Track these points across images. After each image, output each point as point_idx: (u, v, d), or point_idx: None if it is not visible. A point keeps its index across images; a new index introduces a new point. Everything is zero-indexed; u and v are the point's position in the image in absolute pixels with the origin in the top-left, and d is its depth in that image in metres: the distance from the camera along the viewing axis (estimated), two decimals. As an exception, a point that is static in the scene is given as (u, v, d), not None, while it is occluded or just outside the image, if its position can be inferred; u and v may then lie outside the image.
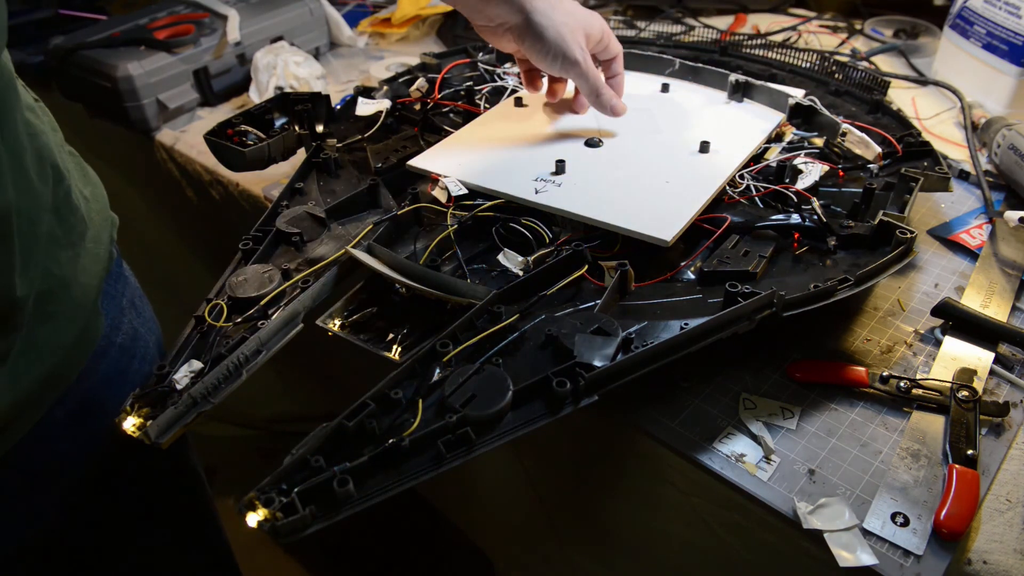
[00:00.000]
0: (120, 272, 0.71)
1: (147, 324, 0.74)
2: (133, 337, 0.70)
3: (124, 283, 0.71)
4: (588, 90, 0.76)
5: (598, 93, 0.76)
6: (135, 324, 0.71)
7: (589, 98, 0.77)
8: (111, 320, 0.66)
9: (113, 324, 0.67)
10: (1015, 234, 0.76)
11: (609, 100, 0.76)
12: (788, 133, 0.82)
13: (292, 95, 0.84)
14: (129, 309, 0.70)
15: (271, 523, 0.43)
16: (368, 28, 1.31)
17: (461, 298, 0.60)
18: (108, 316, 0.66)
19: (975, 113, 0.97)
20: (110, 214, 0.69)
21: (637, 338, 0.56)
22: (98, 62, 1.02)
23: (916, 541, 0.51)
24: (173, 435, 0.51)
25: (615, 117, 0.78)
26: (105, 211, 0.68)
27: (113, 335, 0.67)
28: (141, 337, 0.71)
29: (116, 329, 0.67)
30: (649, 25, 1.21)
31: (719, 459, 0.57)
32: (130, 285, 0.73)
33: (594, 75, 0.75)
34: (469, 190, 0.70)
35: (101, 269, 0.64)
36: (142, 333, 0.72)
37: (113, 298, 0.68)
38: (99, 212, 0.66)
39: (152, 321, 0.76)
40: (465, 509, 1.08)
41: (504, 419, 0.51)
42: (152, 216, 1.29)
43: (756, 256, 0.64)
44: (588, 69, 0.74)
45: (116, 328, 0.67)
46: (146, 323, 0.73)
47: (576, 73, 0.74)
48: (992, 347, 0.64)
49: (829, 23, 1.28)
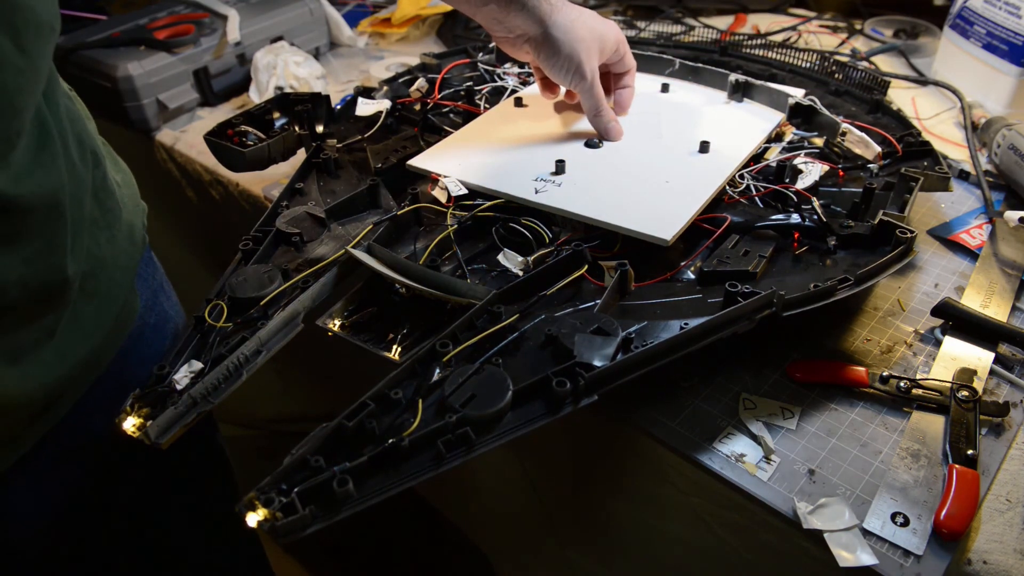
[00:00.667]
0: (150, 257, 0.74)
1: (175, 307, 0.77)
2: (164, 318, 0.72)
3: (154, 267, 0.74)
4: (589, 107, 0.78)
5: (598, 112, 0.78)
6: (165, 306, 0.73)
7: (589, 115, 0.79)
8: (145, 301, 0.69)
9: (147, 305, 0.69)
10: (1015, 234, 0.76)
11: (607, 123, 0.78)
12: (788, 133, 0.82)
13: (292, 95, 0.84)
14: (160, 291, 0.73)
15: (271, 523, 0.43)
16: (368, 28, 1.31)
17: (461, 298, 0.60)
18: (142, 297, 0.68)
19: (975, 113, 0.97)
20: (140, 200, 0.72)
21: (637, 338, 0.56)
22: (98, 62, 1.02)
23: (916, 541, 0.51)
24: (173, 435, 0.51)
25: (609, 140, 0.79)
26: (136, 197, 0.71)
27: (147, 316, 0.69)
28: (171, 319, 0.74)
29: (150, 310, 0.70)
30: (649, 25, 1.21)
31: (719, 459, 0.57)
32: (159, 270, 0.76)
33: (598, 96, 0.77)
34: (469, 190, 0.70)
35: (136, 251, 0.67)
36: (171, 315, 0.74)
37: (146, 280, 0.70)
38: (131, 197, 0.69)
39: (178, 305, 0.78)
40: (464, 509, 1.08)
41: (504, 419, 0.50)
42: (152, 216, 1.29)
43: (756, 256, 0.64)
44: (593, 87, 0.76)
45: (150, 309, 0.70)
46: (174, 306, 0.76)
47: (583, 89, 0.76)
48: (992, 347, 0.64)
49: (829, 23, 1.28)
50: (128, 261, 0.64)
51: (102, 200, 0.61)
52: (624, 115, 0.82)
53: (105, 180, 0.62)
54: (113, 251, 0.62)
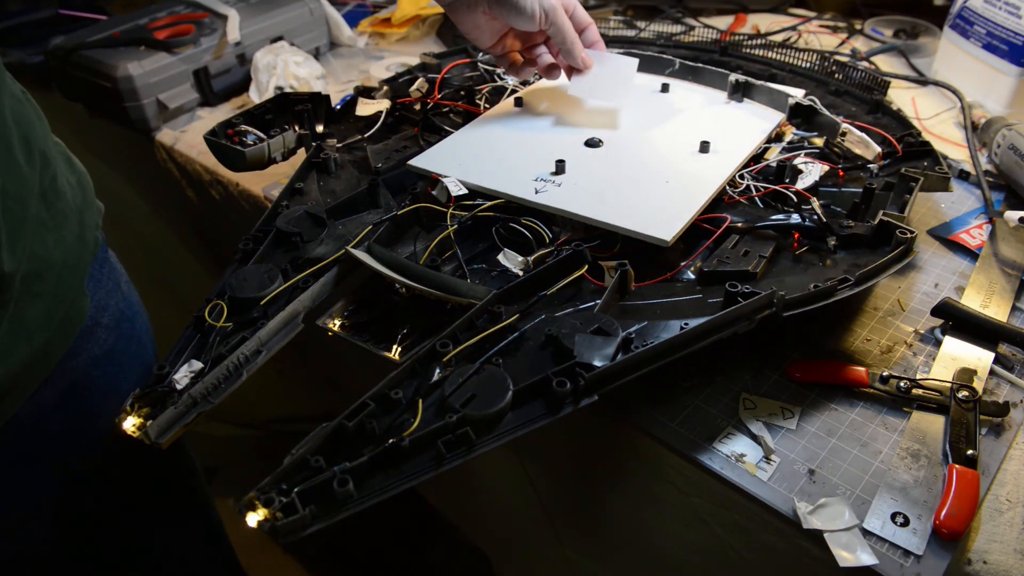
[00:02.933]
0: (106, 257, 0.73)
1: (133, 308, 0.76)
2: (119, 319, 0.72)
3: (110, 267, 0.73)
4: (563, 39, 0.78)
5: (574, 40, 0.78)
6: (121, 307, 0.73)
7: (562, 48, 0.79)
8: (97, 302, 0.69)
9: (99, 306, 0.69)
10: (1015, 234, 0.76)
11: (580, 51, 0.79)
12: (788, 133, 0.82)
13: (292, 95, 0.84)
14: (115, 292, 0.73)
15: (271, 523, 0.43)
16: (368, 28, 1.31)
17: (461, 298, 0.60)
18: (94, 298, 0.68)
19: (975, 113, 0.97)
20: (96, 201, 0.71)
21: (637, 338, 0.56)
22: (98, 62, 1.02)
23: (916, 541, 0.51)
24: (173, 435, 0.51)
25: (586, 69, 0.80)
26: (91, 198, 0.70)
27: (99, 316, 0.69)
28: (127, 319, 0.73)
29: (102, 311, 0.70)
30: (649, 25, 1.21)
31: (719, 459, 0.57)
32: (116, 270, 0.75)
33: (569, 24, 0.77)
34: (469, 190, 0.70)
35: (87, 253, 0.66)
36: (128, 315, 0.74)
37: (99, 281, 0.70)
38: (85, 199, 0.69)
39: (138, 305, 0.78)
40: (464, 509, 1.08)
41: (504, 419, 0.50)
42: (152, 216, 1.29)
43: (756, 256, 0.64)
44: (564, 16, 0.76)
45: (102, 310, 0.70)
46: (132, 307, 0.76)
47: (555, 18, 0.76)
48: (992, 347, 0.64)
49: (829, 23, 1.28)
50: (77, 262, 0.64)
51: (51, 202, 0.61)
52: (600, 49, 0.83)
53: (55, 182, 0.62)
54: (62, 252, 0.62)
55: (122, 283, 0.75)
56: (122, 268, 0.77)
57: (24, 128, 0.58)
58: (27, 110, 0.61)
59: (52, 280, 0.60)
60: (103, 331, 0.69)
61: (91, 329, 0.67)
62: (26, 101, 0.62)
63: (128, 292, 0.76)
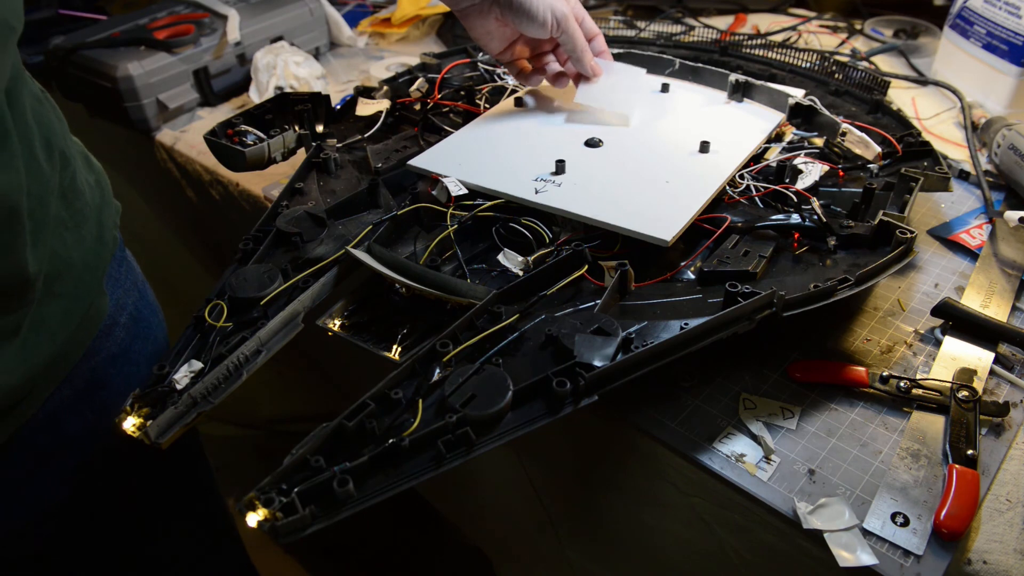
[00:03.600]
0: (123, 256, 0.73)
1: (150, 307, 0.76)
2: (136, 318, 0.72)
3: (128, 267, 0.74)
4: (574, 46, 0.78)
5: (584, 48, 0.79)
6: (139, 306, 0.73)
7: (573, 55, 0.79)
8: (115, 301, 0.69)
9: (117, 305, 0.69)
10: (1015, 234, 0.76)
11: (590, 59, 0.80)
12: (788, 133, 0.82)
13: (292, 95, 0.84)
14: (132, 291, 0.73)
15: (271, 523, 0.43)
16: (368, 28, 1.31)
17: (461, 298, 0.60)
18: (112, 297, 0.68)
19: (975, 113, 0.97)
20: (113, 200, 0.71)
21: (637, 338, 0.56)
22: (98, 62, 1.02)
23: (916, 541, 0.51)
24: (173, 435, 0.51)
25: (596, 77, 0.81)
26: (108, 197, 0.70)
27: (117, 315, 0.69)
28: (144, 319, 0.74)
29: (120, 310, 0.70)
30: (649, 25, 1.21)
31: (719, 459, 0.57)
32: (133, 270, 0.75)
33: (580, 32, 0.78)
34: (469, 190, 0.70)
35: (106, 252, 0.66)
36: (145, 315, 0.74)
37: (117, 280, 0.70)
38: (103, 198, 0.69)
39: (155, 304, 0.78)
40: (464, 509, 1.08)
41: (504, 419, 0.50)
42: (152, 216, 1.29)
43: (756, 256, 0.64)
44: (573, 24, 0.77)
45: (120, 309, 0.70)
46: (149, 306, 0.76)
47: (566, 27, 0.76)
48: (992, 347, 0.64)
49: (829, 23, 1.28)
50: (96, 262, 0.64)
51: (70, 201, 0.61)
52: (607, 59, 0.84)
53: (74, 181, 0.62)
54: (81, 252, 0.62)
55: (139, 283, 0.75)
56: (139, 268, 0.77)
57: (44, 128, 0.58)
58: (47, 110, 0.61)
59: (72, 280, 0.60)
60: (120, 330, 0.69)
61: (109, 328, 0.67)
62: (45, 101, 0.62)
63: (144, 291, 0.76)
